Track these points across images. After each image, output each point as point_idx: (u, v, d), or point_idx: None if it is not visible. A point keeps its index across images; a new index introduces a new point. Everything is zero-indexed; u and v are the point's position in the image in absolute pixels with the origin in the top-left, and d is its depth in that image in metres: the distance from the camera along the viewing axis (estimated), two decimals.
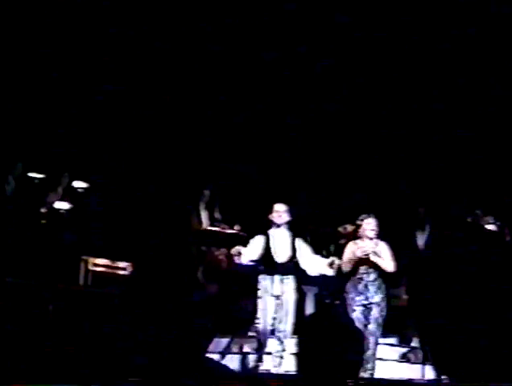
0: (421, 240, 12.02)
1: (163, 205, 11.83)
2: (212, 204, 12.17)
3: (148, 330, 7.62)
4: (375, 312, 8.75)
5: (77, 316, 8.33)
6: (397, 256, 9.32)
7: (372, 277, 8.85)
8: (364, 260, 8.83)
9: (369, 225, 8.93)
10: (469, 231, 11.70)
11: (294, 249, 8.81)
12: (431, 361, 9.91)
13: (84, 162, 12.14)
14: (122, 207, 11.55)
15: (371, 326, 8.69)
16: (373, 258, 8.83)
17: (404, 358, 10.43)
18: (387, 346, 9.98)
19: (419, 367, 10.18)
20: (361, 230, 8.98)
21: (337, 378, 4.12)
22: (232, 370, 8.96)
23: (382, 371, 9.16)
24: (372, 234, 8.91)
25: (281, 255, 8.75)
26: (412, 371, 10.20)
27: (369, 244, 8.90)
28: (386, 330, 9.14)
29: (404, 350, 10.51)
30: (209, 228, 11.89)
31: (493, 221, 11.50)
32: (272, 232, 8.83)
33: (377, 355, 8.81)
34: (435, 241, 11.68)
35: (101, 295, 9.42)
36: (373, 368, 8.67)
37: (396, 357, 10.32)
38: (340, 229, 11.59)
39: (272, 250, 8.75)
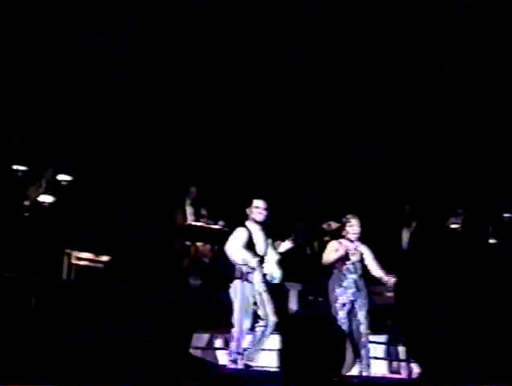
0: (406, 237, 12.06)
1: (148, 199, 11.82)
2: (198, 200, 12.16)
3: (130, 324, 7.60)
4: (359, 309, 8.81)
5: (60, 310, 8.29)
6: (381, 253, 9.38)
7: (355, 275, 8.90)
8: (347, 259, 8.89)
9: (352, 226, 8.99)
10: (451, 230, 11.77)
11: (267, 247, 8.79)
12: (415, 359, 9.94)
13: (69, 155, 12.09)
14: (107, 201, 11.52)
15: (355, 324, 8.75)
16: (354, 258, 8.90)
17: (387, 355, 10.45)
18: (370, 344, 9.98)
19: (402, 364, 10.22)
20: (344, 230, 9.04)
21: (320, 375, 4.11)
22: (215, 365, 8.96)
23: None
24: (354, 236, 8.98)
25: (259, 250, 8.70)
26: (396, 369, 10.24)
27: (351, 244, 8.98)
28: (370, 327, 9.16)
29: (387, 347, 10.52)
30: (194, 223, 11.89)
31: (475, 220, 11.57)
32: (250, 226, 8.76)
33: (364, 353, 8.86)
34: (420, 239, 11.72)
35: (83, 289, 9.39)
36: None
37: (379, 354, 10.33)
38: (325, 226, 11.61)
39: (254, 244, 8.71)
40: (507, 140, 13.49)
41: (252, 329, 8.63)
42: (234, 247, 8.66)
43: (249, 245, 8.67)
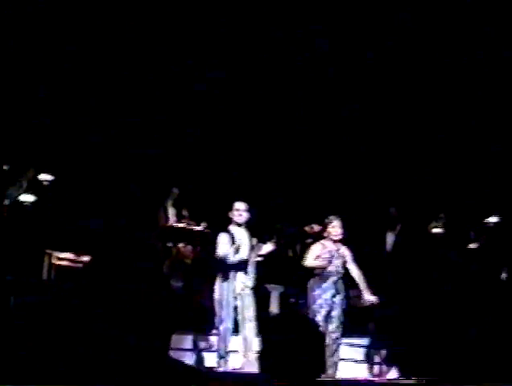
0: (390, 239, 12.08)
1: (129, 200, 11.78)
2: (180, 201, 12.14)
3: (111, 325, 7.56)
4: (336, 311, 8.83)
5: (39, 310, 8.24)
6: (363, 255, 9.41)
7: (336, 277, 8.92)
8: (329, 260, 8.90)
9: (334, 227, 9.00)
10: (433, 234, 11.81)
11: (252, 248, 8.82)
12: (393, 361, 9.97)
13: (51, 154, 12.02)
14: (88, 201, 11.47)
15: (333, 326, 8.76)
16: (337, 262, 8.92)
17: (367, 358, 10.46)
18: (349, 347, 10.00)
19: (380, 367, 10.23)
20: (326, 231, 9.06)
21: (300, 377, 4.11)
22: (195, 367, 8.94)
23: (344, 371, 9.19)
24: (337, 236, 8.99)
25: (242, 253, 8.73)
26: (374, 371, 10.24)
27: (333, 245, 8.99)
28: (348, 329, 9.18)
29: (367, 350, 10.53)
30: (175, 225, 11.86)
31: (457, 225, 11.61)
32: (232, 229, 8.80)
33: (340, 355, 8.87)
34: (403, 242, 11.75)
35: (64, 289, 9.34)
36: (335, 368, 8.73)
37: (358, 357, 10.34)
38: (307, 228, 11.62)
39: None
40: (490, 145, 13.55)
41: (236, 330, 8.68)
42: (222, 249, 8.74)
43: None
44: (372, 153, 14.02)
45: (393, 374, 9.93)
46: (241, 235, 8.80)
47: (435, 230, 12.24)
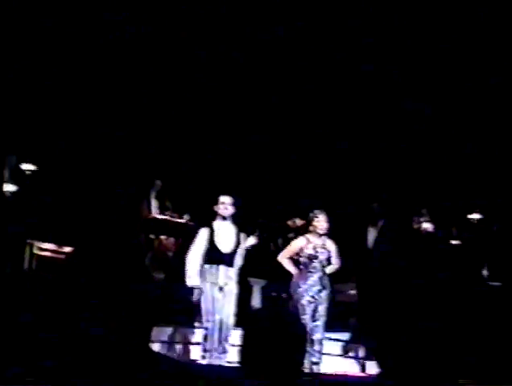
0: (372, 235, 12.08)
1: (112, 191, 11.73)
2: (163, 193, 12.11)
3: (92, 317, 7.52)
4: (322, 307, 8.82)
5: (20, 301, 8.19)
6: (346, 251, 9.40)
7: (321, 272, 8.90)
8: (315, 257, 8.89)
9: (320, 221, 8.98)
10: (415, 230, 11.81)
11: (238, 242, 8.81)
12: (375, 357, 9.97)
13: (33, 144, 11.95)
14: (70, 192, 11.41)
15: (319, 321, 8.76)
16: (322, 257, 8.90)
17: (348, 353, 10.48)
18: (332, 341, 10.01)
19: (362, 362, 10.25)
20: (311, 225, 9.03)
21: (280, 371, 4.08)
22: (175, 360, 8.92)
23: (326, 365, 9.20)
24: (322, 230, 8.97)
25: (225, 246, 8.73)
26: (356, 367, 10.26)
27: (319, 240, 8.97)
28: (331, 325, 9.18)
29: (348, 345, 10.55)
30: (158, 217, 11.83)
31: (440, 221, 11.62)
32: (217, 223, 8.80)
33: (323, 350, 8.88)
34: (385, 237, 11.75)
35: (45, 280, 9.30)
36: (319, 363, 8.74)
37: (340, 352, 10.36)
38: (290, 223, 11.60)
39: (216, 241, 8.72)
40: (473, 141, 13.59)
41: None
42: (190, 255, 8.75)
43: (211, 244, 8.70)
44: (355, 148, 14.01)
45: (373, 369, 9.95)
46: (226, 229, 8.79)
47: (417, 226, 12.25)
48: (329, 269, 9.03)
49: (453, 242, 12.18)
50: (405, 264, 10.72)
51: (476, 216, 12.90)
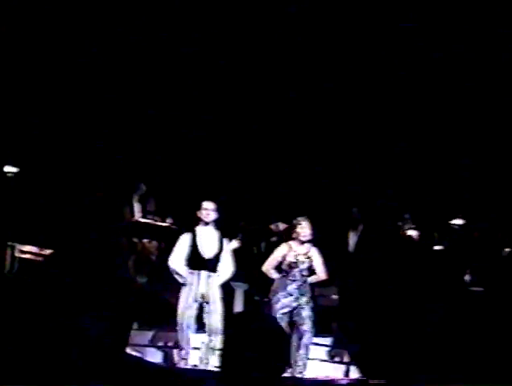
0: (353, 240, 12.08)
1: (95, 194, 11.68)
2: (146, 197, 12.07)
3: (72, 320, 7.48)
4: (307, 312, 8.78)
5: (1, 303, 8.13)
6: (328, 256, 9.38)
7: (300, 281, 8.87)
8: (296, 266, 8.86)
9: (303, 228, 8.94)
10: (397, 235, 11.82)
11: (221, 247, 8.80)
12: (357, 362, 9.96)
13: (15, 147, 11.89)
14: (52, 194, 11.36)
15: (305, 326, 8.74)
16: (303, 266, 8.88)
17: (330, 357, 10.46)
18: (314, 346, 9.99)
19: (345, 367, 10.23)
20: (294, 232, 8.98)
21: (261, 376, 4.07)
22: (155, 364, 8.89)
23: (309, 370, 9.19)
24: (305, 237, 8.93)
25: (208, 252, 8.73)
26: (338, 371, 10.24)
27: (302, 247, 8.93)
28: (314, 329, 9.17)
29: (331, 349, 10.53)
30: (141, 220, 11.79)
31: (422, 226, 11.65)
32: (200, 229, 8.80)
33: (309, 355, 8.88)
34: (366, 242, 11.76)
35: (26, 282, 9.23)
36: (303, 368, 8.72)
37: (322, 356, 10.34)
38: (272, 227, 11.59)
39: (199, 247, 8.72)
40: (457, 146, 13.62)
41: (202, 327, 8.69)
42: (173, 258, 8.78)
43: (194, 250, 8.69)
44: (336, 152, 14.01)
45: (356, 374, 9.94)
46: (208, 234, 8.79)
47: (399, 230, 12.26)
48: (312, 279, 9.00)
49: (435, 247, 12.19)
50: (386, 269, 10.73)
51: (458, 221, 12.91)
